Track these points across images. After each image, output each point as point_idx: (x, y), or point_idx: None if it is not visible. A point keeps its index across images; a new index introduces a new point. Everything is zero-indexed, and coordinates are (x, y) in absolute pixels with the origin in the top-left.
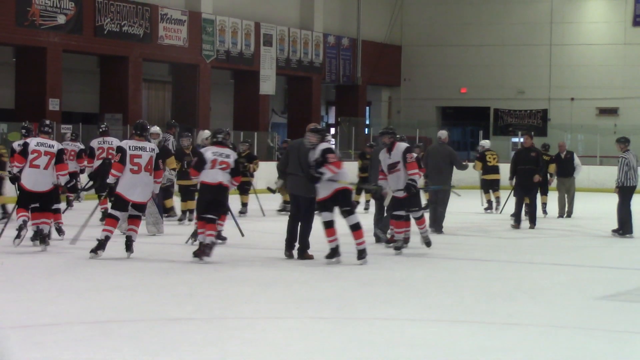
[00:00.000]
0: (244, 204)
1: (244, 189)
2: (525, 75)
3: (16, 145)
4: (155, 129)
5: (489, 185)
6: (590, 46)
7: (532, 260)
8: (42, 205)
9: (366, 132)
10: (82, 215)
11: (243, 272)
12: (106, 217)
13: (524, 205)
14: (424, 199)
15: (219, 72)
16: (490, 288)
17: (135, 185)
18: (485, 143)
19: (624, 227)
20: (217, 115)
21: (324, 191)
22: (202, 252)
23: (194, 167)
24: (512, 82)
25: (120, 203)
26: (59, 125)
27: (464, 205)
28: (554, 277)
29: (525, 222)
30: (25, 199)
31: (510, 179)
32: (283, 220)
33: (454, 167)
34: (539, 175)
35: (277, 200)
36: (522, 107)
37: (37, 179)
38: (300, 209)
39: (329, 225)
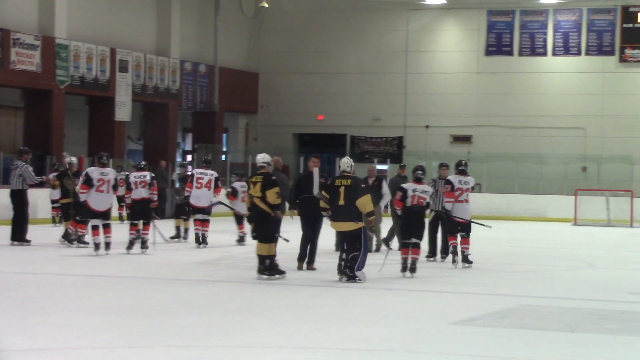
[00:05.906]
0: (179, 228)
1: (182, 212)
2: (381, 102)
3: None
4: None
5: None
6: (444, 75)
7: (387, 287)
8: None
9: (223, 159)
10: None
11: (100, 301)
12: None
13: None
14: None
15: (73, 98)
16: (346, 314)
17: None
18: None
19: (435, 251)
20: (72, 142)
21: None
22: (139, 245)
23: (127, 188)
24: (368, 109)
25: None
26: None
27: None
28: (409, 303)
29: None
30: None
31: (292, 208)
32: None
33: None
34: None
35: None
36: (379, 134)
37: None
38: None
39: None
